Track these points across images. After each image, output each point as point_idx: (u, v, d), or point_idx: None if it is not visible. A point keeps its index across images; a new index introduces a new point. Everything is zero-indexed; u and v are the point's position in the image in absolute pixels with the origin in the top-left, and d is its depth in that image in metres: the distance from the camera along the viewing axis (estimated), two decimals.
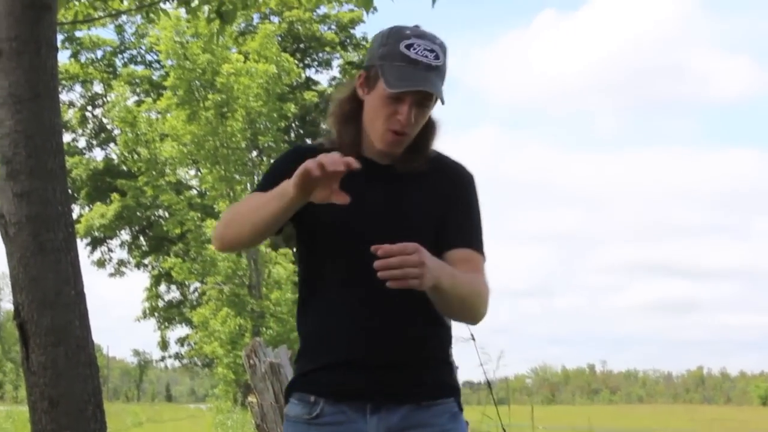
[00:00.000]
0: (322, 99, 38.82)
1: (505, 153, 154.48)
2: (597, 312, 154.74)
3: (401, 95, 2.90)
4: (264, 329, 30.83)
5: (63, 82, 39.53)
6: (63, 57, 40.61)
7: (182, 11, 8.58)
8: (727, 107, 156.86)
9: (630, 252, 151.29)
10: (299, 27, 38.71)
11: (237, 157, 31.88)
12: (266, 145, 33.13)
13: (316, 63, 41.33)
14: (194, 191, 37.92)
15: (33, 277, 5.25)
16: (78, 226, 34.82)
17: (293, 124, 39.24)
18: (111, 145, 42.53)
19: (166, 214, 37.25)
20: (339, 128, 3.04)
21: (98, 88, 42.28)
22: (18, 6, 5.36)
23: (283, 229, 3.01)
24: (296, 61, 35.08)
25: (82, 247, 40.91)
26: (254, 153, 33.94)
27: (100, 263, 43.14)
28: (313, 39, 39.20)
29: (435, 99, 2.94)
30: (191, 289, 42.29)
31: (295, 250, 3.15)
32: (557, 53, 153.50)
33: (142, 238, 42.63)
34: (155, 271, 42.47)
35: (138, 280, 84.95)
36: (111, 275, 43.69)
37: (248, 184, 32.62)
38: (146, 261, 42.82)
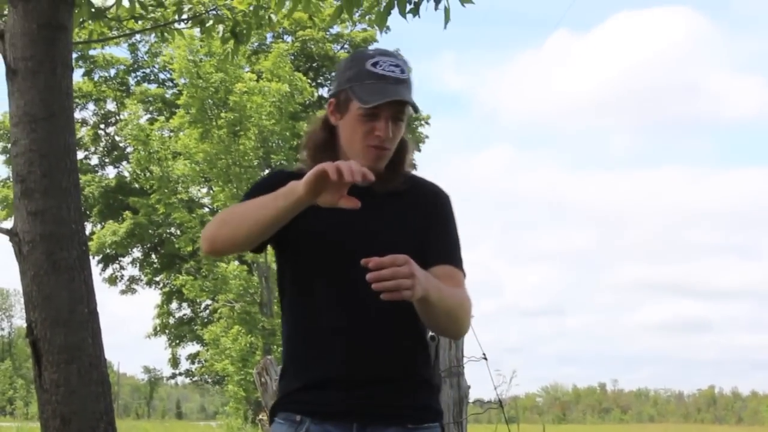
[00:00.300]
0: None
1: (519, 172, 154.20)
2: (608, 331, 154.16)
3: (376, 111, 2.95)
4: (275, 347, 30.79)
5: (76, 101, 39.58)
6: (76, 75, 40.65)
7: (196, 31, 8.63)
8: (741, 127, 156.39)
9: (642, 271, 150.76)
10: (312, 46, 38.79)
11: (249, 176, 31.91)
12: (279, 164, 33.15)
13: (329, 82, 41.34)
14: (206, 209, 37.94)
15: (46, 295, 5.27)
16: (90, 244, 34.86)
17: None
18: (123, 163, 42.61)
19: (178, 232, 37.29)
20: (315, 157, 3.05)
21: (111, 107, 42.38)
22: (34, 26, 5.40)
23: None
24: (309, 80, 35.16)
25: (94, 265, 40.95)
26: (266, 171, 33.98)
27: (112, 280, 43.14)
28: (326, 58, 39.26)
29: (408, 112, 3.02)
30: (202, 307, 42.26)
31: (276, 270, 3.16)
32: (570, 73, 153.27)
33: (154, 256, 42.63)
34: (166, 289, 42.45)
35: (149, 298, 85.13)
36: (122, 292, 43.68)
37: None
38: (158, 278, 42.81)
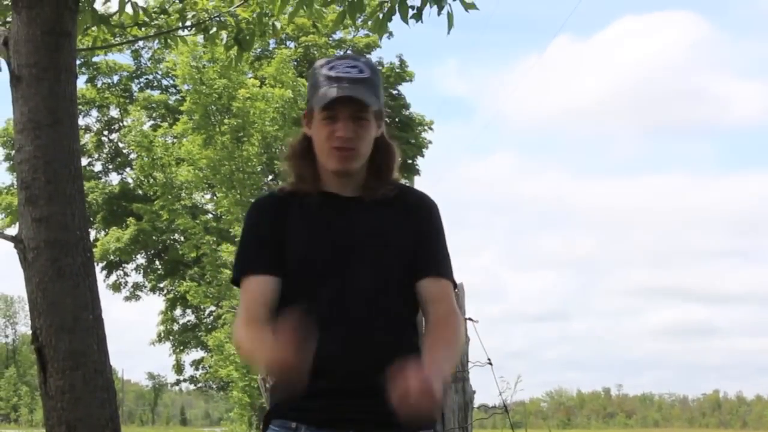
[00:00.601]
0: None
1: (522, 177, 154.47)
2: (613, 336, 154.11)
3: (335, 114, 2.99)
4: None
5: (79, 107, 39.64)
6: (79, 82, 40.63)
7: (199, 38, 8.64)
8: (744, 131, 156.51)
9: (646, 276, 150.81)
10: (315, 52, 38.76)
11: (253, 182, 31.89)
12: (282, 170, 33.05)
13: None
14: (210, 215, 37.91)
15: (51, 302, 5.27)
16: (94, 250, 34.85)
17: None
18: (127, 170, 42.63)
19: (182, 238, 37.27)
20: (295, 166, 3.16)
21: (114, 113, 42.40)
22: (38, 33, 5.41)
23: None
24: None
25: (98, 271, 40.87)
26: (270, 177, 33.97)
27: (116, 287, 43.12)
28: None
29: (371, 110, 3.03)
30: (206, 313, 42.23)
31: None
32: (573, 78, 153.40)
33: (158, 262, 42.63)
34: (170, 295, 42.44)
35: (153, 304, 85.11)
36: (126, 299, 43.64)
37: None
38: (162, 285, 42.80)
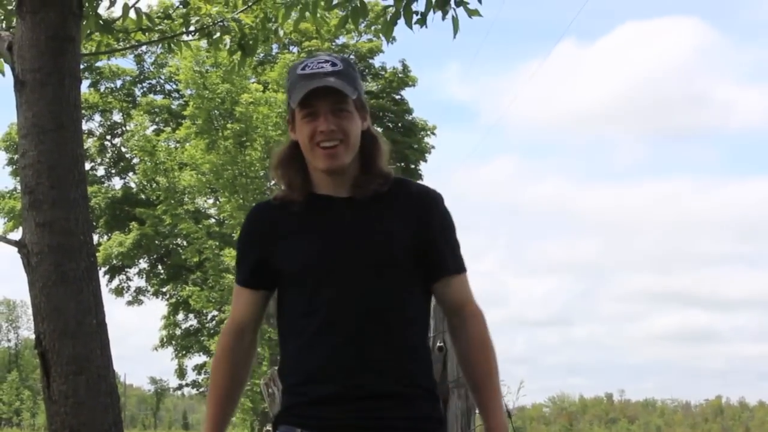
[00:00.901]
0: None
1: (525, 182, 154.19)
2: (615, 341, 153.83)
3: (316, 110, 2.98)
4: None
5: (83, 112, 39.63)
6: (82, 86, 40.66)
7: (203, 43, 8.65)
8: (748, 136, 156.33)
9: (649, 281, 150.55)
10: None
11: (255, 186, 31.95)
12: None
13: None
14: (213, 220, 37.96)
15: (55, 307, 5.27)
16: (96, 255, 34.89)
17: None
18: (130, 174, 42.63)
19: (185, 243, 37.30)
20: (283, 173, 3.13)
21: (117, 118, 42.41)
22: (42, 38, 5.41)
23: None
24: None
25: (101, 276, 40.94)
26: (272, 182, 34.00)
27: (119, 291, 43.13)
28: None
29: (352, 101, 3.02)
30: (209, 318, 42.23)
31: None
32: (577, 83, 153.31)
33: (161, 267, 42.62)
34: (173, 300, 42.42)
35: (156, 309, 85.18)
36: (129, 303, 43.68)
37: None
38: (164, 289, 42.80)
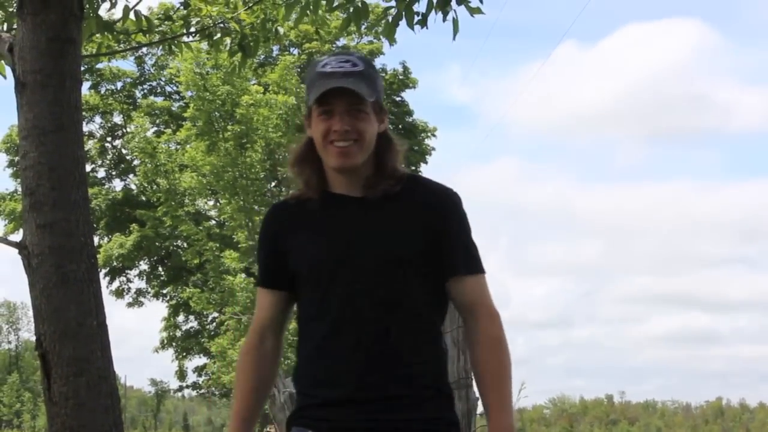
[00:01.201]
0: None
1: (526, 184, 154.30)
2: (616, 343, 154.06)
3: (330, 109, 2.97)
4: (282, 359, 30.76)
5: (83, 113, 39.61)
6: (83, 88, 40.69)
7: (203, 44, 8.65)
8: (748, 138, 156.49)
9: (649, 283, 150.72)
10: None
11: (256, 188, 31.92)
12: (285, 176, 33.12)
13: None
14: (213, 222, 37.96)
15: (55, 308, 5.27)
16: (97, 256, 34.85)
17: None
18: (130, 176, 42.63)
19: (185, 245, 37.29)
20: (298, 170, 3.12)
21: (118, 119, 42.42)
22: (43, 39, 5.41)
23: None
24: None
25: (101, 277, 40.92)
26: (273, 184, 33.99)
27: (119, 293, 43.12)
28: None
29: (369, 103, 2.99)
30: (209, 319, 42.22)
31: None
32: (578, 84, 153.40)
33: (161, 268, 42.63)
34: (173, 301, 42.43)
35: (156, 310, 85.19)
36: (129, 305, 43.66)
37: None
38: (165, 291, 42.80)
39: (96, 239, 40.75)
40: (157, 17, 8.11)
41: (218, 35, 7.98)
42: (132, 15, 7.40)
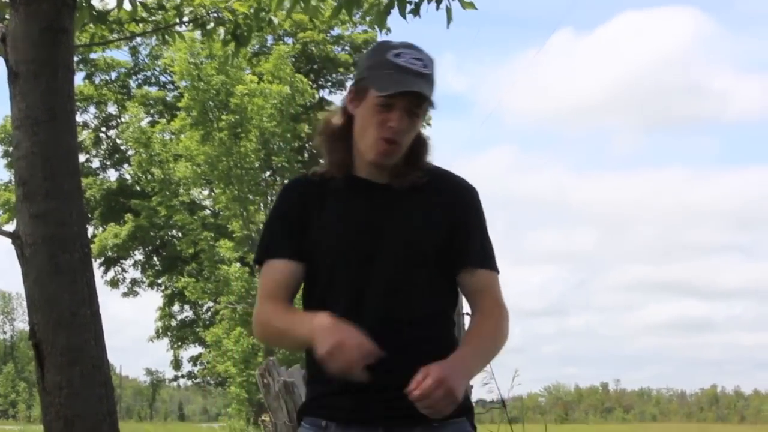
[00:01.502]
0: None
1: (522, 173, 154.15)
2: (611, 331, 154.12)
3: (391, 102, 2.90)
4: (277, 349, 30.83)
5: (77, 104, 39.57)
6: (77, 78, 40.52)
7: (197, 33, 8.65)
8: (744, 127, 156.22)
9: (645, 271, 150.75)
10: (313, 48, 38.77)
11: (250, 178, 31.94)
12: (280, 166, 33.17)
13: (330, 84, 41.35)
14: (208, 211, 37.97)
15: (49, 298, 5.28)
16: (92, 246, 34.81)
17: (306, 145, 39.32)
18: (125, 166, 42.65)
19: (180, 234, 37.33)
20: (328, 146, 3.04)
21: (112, 109, 42.43)
22: (35, 29, 5.41)
23: None
24: (310, 82, 35.13)
25: (96, 267, 40.94)
26: (267, 173, 33.99)
27: (114, 283, 43.15)
28: (327, 60, 39.24)
29: (425, 107, 2.95)
30: (204, 309, 42.28)
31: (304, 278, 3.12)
32: (574, 73, 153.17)
33: (156, 258, 42.64)
34: (168, 291, 42.47)
35: (151, 300, 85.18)
36: (124, 295, 43.69)
37: (262, 205, 32.68)
38: (159, 281, 42.84)
39: (91, 229, 40.83)
40: (151, 6, 8.09)
41: (211, 25, 7.98)
42: (126, 4, 7.39)
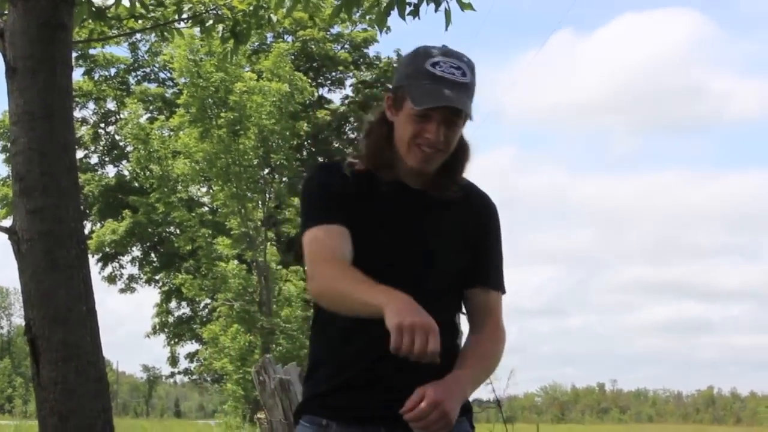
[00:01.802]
0: (335, 117, 38.89)
1: (520, 173, 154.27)
2: (608, 331, 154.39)
3: (428, 113, 2.86)
4: (274, 346, 30.79)
5: (76, 100, 39.62)
6: (76, 74, 40.72)
7: (196, 30, 8.63)
8: (743, 128, 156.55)
9: (642, 272, 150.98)
10: (312, 46, 38.77)
11: (249, 175, 31.89)
12: (278, 163, 33.16)
13: (329, 82, 41.35)
14: (206, 208, 37.96)
15: (45, 293, 5.28)
16: (89, 242, 34.83)
17: (305, 143, 39.31)
18: (123, 162, 42.61)
19: (178, 231, 37.30)
20: (376, 151, 2.99)
21: (111, 106, 42.41)
22: (33, 25, 5.41)
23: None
24: (309, 80, 35.10)
25: (93, 263, 40.97)
26: (266, 171, 33.96)
27: (111, 279, 43.15)
28: (327, 58, 39.23)
29: (464, 116, 2.90)
30: (201, 306, 42.29)
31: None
32: (573, 73, 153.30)
33: (153, 255, 42.64)
34: (166, 288, 42.46)
35: (148, 296, 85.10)
36: (122, 291, 43.70)
37: (260, 202, 32.65)
38: (157, 277, 42.84)
39: (89, 225, 40.82)
40: (150, 3, 8.09)
41: (210, 22, 7.97)
42: (126, 0, 7.39)
